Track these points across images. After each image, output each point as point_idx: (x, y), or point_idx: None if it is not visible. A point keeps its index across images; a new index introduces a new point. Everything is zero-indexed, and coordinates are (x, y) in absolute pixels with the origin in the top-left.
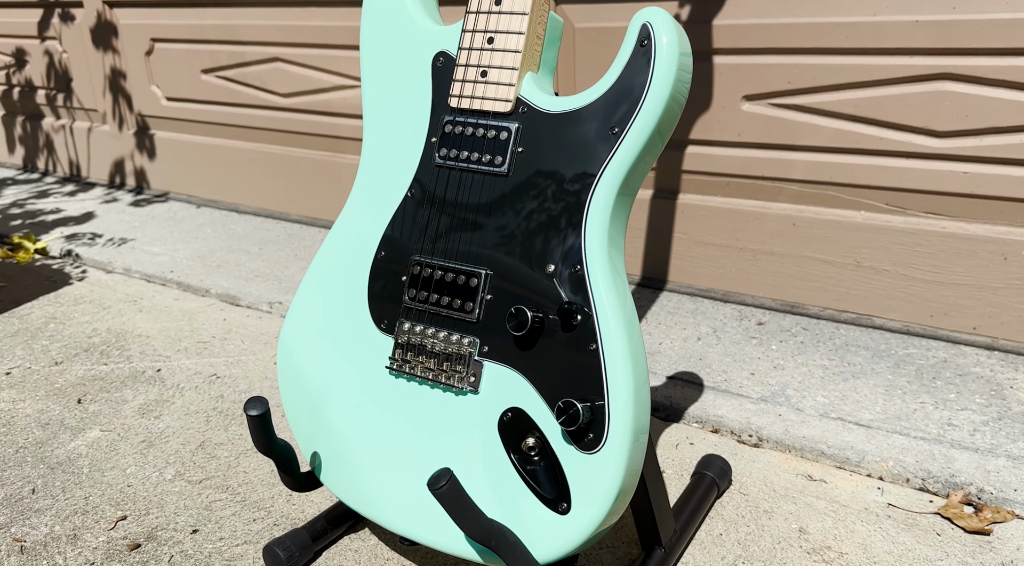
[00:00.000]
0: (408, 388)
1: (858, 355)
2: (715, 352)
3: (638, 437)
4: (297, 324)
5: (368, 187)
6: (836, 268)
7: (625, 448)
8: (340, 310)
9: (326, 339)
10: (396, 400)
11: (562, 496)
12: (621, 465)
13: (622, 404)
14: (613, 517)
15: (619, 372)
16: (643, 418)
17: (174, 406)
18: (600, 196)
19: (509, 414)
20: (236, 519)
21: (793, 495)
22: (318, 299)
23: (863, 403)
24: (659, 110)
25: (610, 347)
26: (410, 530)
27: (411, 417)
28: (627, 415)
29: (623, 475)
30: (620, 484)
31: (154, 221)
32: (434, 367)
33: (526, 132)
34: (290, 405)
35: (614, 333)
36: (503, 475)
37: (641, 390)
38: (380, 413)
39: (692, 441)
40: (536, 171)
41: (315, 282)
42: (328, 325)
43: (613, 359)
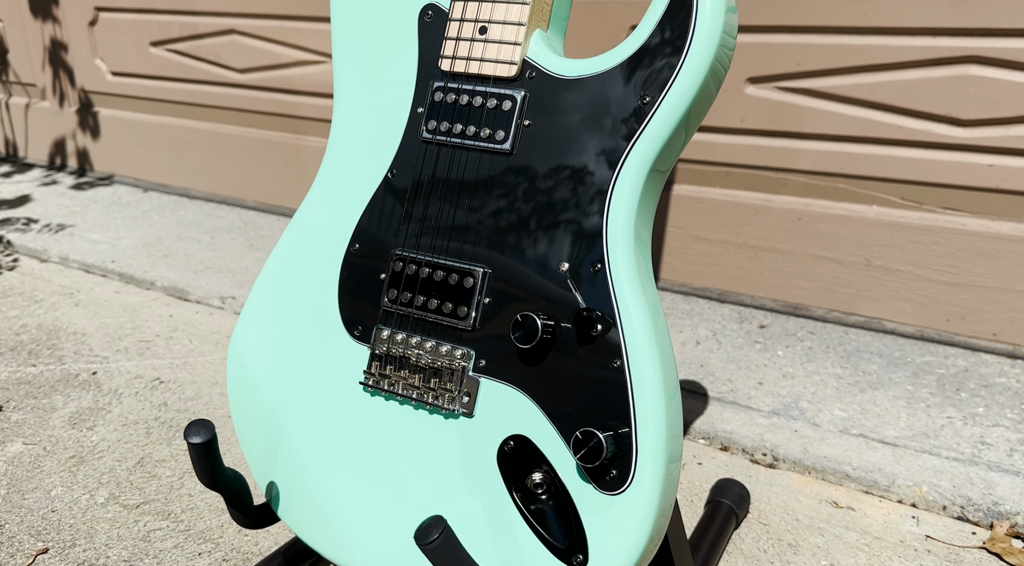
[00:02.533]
0: (387, 409)
1: (872, 363)
2: (717, 358)
3: (671, 472)
4: (251, 328)
5: (339, 167)
6: (844, 267)
7: (656, 487)
8: (304, 313)
9: (286, 347)
10: (372, 423)
11: (576, 546)
12: (651, 508)
13: (653, 433)
14: (648, 555)
15: (649, 394)
16: (676, 447)
17: (110, 415)
18: (626, 180)
19: (511, 443)
20: (178, 553)
21: (819, 526)
22: (277, 299)
23: (885, 417)
24: (701, 75)
25: (638, 364)
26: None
27: (390, 444)
28: (659, 446)
29: (653, 520)
30: (650, 531)
31: (96, 206)
32: (419, 384)
33: (534, 101)
34: (242, 424)
35: (643, 347)
36: (503, 518)
37: (674, 415)
38: (352, 438)
39: (700, 460)
40: (546, 149)
41: (274, 279)
42: (289, 330)
43: (642, 378)
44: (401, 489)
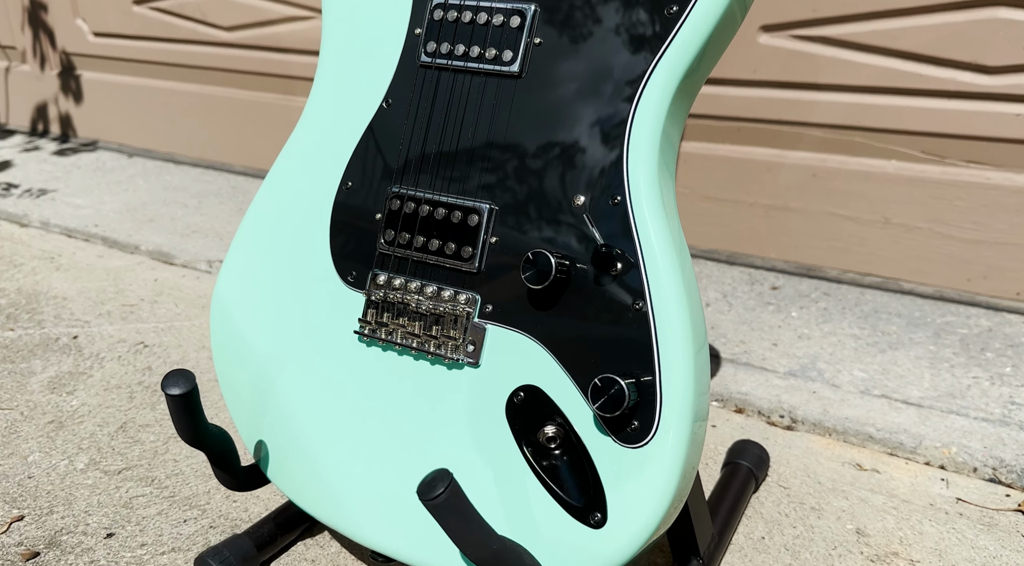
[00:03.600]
0: (384, 360)
1: (891, 323)
2: (728, 320)
3: (698, 424)
4: (236, 277)
5: (328, 101)
6: (861, 226)
7: (683, 439)
8: (293, 259)
9: (274, 296)
10: (368, 375)
11: (594, 504)
12: (677, 463)
13: (679, 380)
14: (664, 526)
15: (675, 337)
16: (703, 398)
17: (92, 380)
18: (650, 102)
19: (521, 394)
20: (162, 520)
21: (843, 488)
22: (263, 245)
23: (908, 378)
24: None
25: (663, 304)
26: (386, 543)
27: (388, 397)
28: (686, 395)
29: (679, 476)
30: (675, 487)
31: (79, 172)
32: (419, 332)
33: (545, 16)
34: (228, 381)
35: (668, 285)
36: (513, 476)
37: (702, 361)
38: (346, 392)
39: (714, 423)
40: (559, 69)
41: (259, 223)
42: (277, 278)
43: (667, 320)
44: (400, 447)
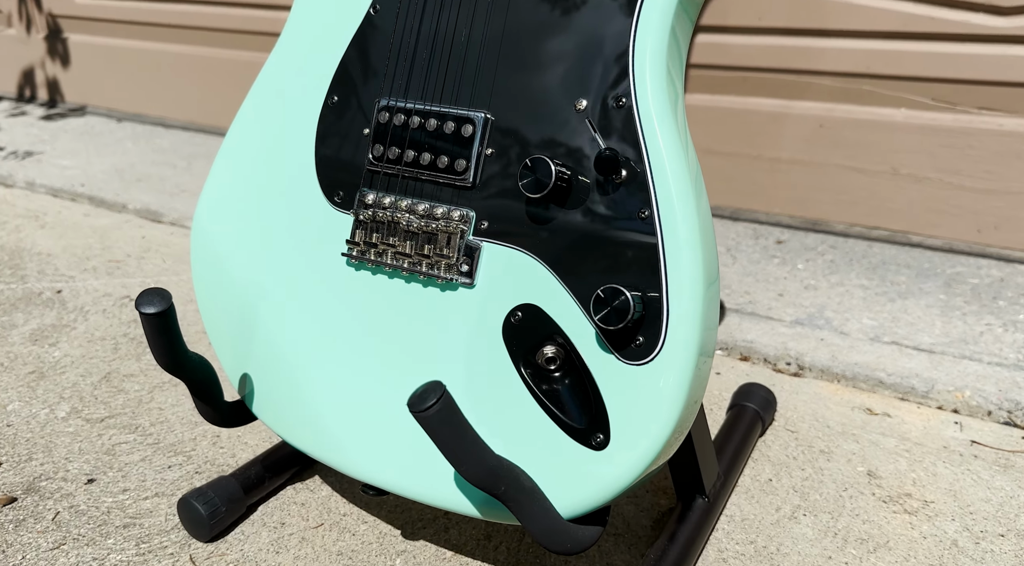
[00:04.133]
0: (374, 283)
1: (900, 274)
2: (732, 272)
3: (706, 340)
4: (217, 202)
5: (311, 10)
6: (869, 177)
7: (691, 355)
8: (276, 181)
9: (257, 221)
10: (357, 300)
11: (596, 425)
12: (684, 379)
13: (688, 292)
14: (666, 454)
15: (683, 247)
16: (713, 313)
17: (75, 332)
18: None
19: (519, 314)
20: (146, 466)
21: (853, 432)
22: (245, 167)
23: (918, 326)
24: None
25: (670, 212)
26: (377, 475)
27: (379, 323)
28: (695, 307)
29: (686, 393)
30: (682, 406)
31: (67, 135)
32: (411, 252)
33: None
34: (210, 314)
35: (676, 191)
36: (511, 399)
37: (712, 274)
38: (334, 319)
39: (718, 370)
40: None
41: (240, 144)
42: (260, 202)
43: (674, 229)
44: (392, 374)
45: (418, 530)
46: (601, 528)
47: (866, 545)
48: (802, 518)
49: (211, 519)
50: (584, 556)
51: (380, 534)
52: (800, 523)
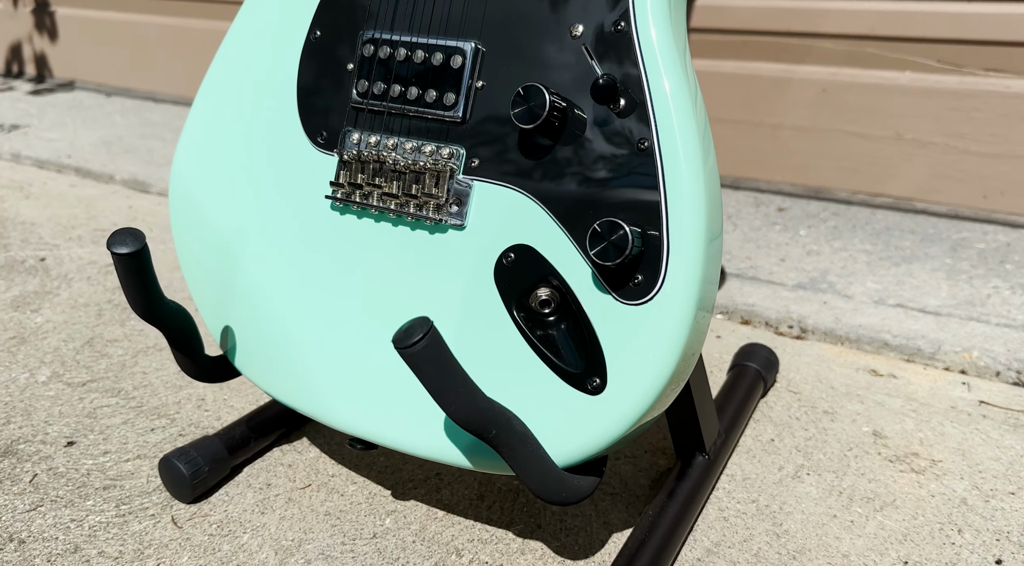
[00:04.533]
0: (360, 227)
1: (904, 240)
2: (732, 239)
3: (708, 280)
4: (196, 147)
5: None
6: (872, 143)
7: (692, 292)
8: (257, 122)
9: (237, 165)
10: (342, 244)
11: (592, 368)
12: (686, 318)
13: (689, 227)
14: (664, 401)
15: (685, 181)
16: (716, 251)
17: (58, 298)
18: None
19: (511, 256)
20: (128, 429)
21: (858, 393)
22: (224, 109)
23: (924, 289)
24: None
25: (671, 143)
26: (364, 426)
27: (365, 269)
28: (696, 244)
29: (686, 335)
30: (681, 347)
31: (54, 109)
32: (398, 193)
33: None
34: (190, 265)
35: (678, 120)
36: (503, 343)
37: (715, 210)
38: (318, 265)
39: (718, 334)
40: None
41: (219, 85)
42: (240, 145)
43: (675, 160)
44: (379, 322)
45: (409, 490)
46: (597, 479)
47: (872, 503)
48: (806, 477)
49: (193, 479)
50: (580, 515)
51: (369, 494)
52: (804, 482)
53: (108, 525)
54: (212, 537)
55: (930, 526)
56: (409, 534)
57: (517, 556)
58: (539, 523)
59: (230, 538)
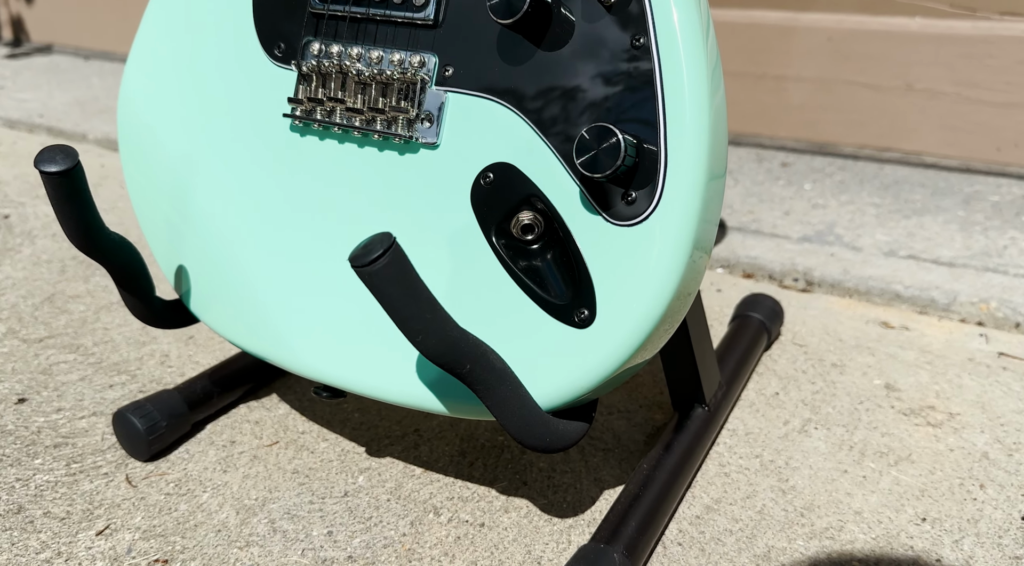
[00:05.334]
0: (322, 150)
1: (915, 193)
2: (734, 193)
3: (711, 197)
4: (144, 66)
5: None
6: (881, 94)
7: (692, 211)
8: (209, 36)
9: (189, 84)
10: (303, 170)
11: (580, 299)
12: (683, 240)
13: (691, 137)
14: (660, 337)
15: (685, 82)
16: (720, 165)
17: (20, 255)
18: None
19: (490, 176)
20: (85, 385)
21: (868, 346)
22: (176, 24)
23: (936, 240)
24: None
25: (670, 40)
26: (329, 371)
27: (328, 195)
28: (698, 155)
29: (685, 258)
30: (679, 273)
31: (30, 72)
32: (363, 108)
33: None
34: (141, 201)
35: (678, 14)
36: (482, 276)
37: (719, 119)
38: (278, 193)
39: (719, 287)
40: None
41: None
42: (192, 62)
43: (674, 60)
44: (345, 255)
45: (385, 447)
46: (586, 424)
47: (886, 458)
48: (813, 432)
49: (149, 435)
50: (569, 471)
51: (342, 451)
52: (811, 437)
53: (57, 484)
54: (169, 496)
55: (949, 481)
56: (383, 492)
57: (500, 514)
58: (525, 480)
59: (188, 497)
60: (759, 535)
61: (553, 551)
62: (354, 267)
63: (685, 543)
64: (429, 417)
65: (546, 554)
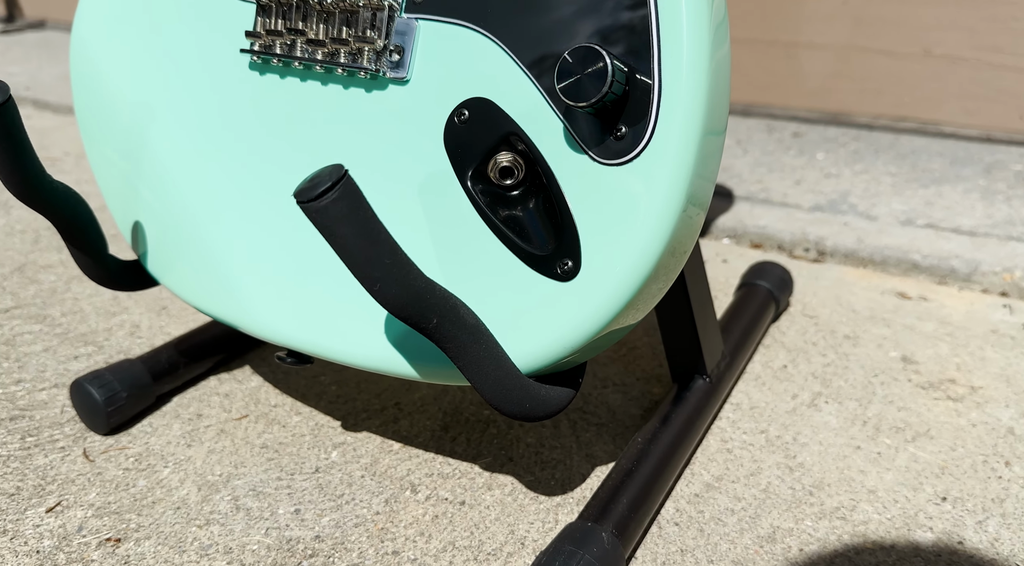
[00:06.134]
0: (283, 89)
1: (933, 162)
2: (743, 163)
3: (708, 150)
4: (99, 6)
5: None
6: (898, 61)
7: (688, 154)
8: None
9: (144, 22)
10: (262, 112)
11: (563, 248)
12: (679, 185)
13: (688, 69)
14: (651, 294)
15: (683, 6)
16: (718, 119)
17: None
18: None
19: (465, 113)
20: (48, 356)
21: (884, 317)
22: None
23: (956, 209)
24: None
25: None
26: (293, 334)
27: (290, 139)
28: (695, 91)
29: (679, 205)
30: (672, 220)
31: (20, 47)
32: (325, 39)
33: None
34: (96, 156)
35: None
36: (453, 223)
37: (721, 65)
38: (236, 139)
39: (725, 258)
40: None
41: None
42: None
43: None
44: None
45: (362, 421)
46: (572, 391)
47: (903, 434)
48: (824, 406)
49: (108, 406)
50: (559, 446)
51: (315, 426)
52: (821, 411)
53: (8, 459)
54: (127, 472)
55: (972, 458)
56: (358, 468)
57: (483, 491)
58: (511, 456)
59: (148, 473)
60: (763, 515)
61: (538, 531)
62: (299, 203)
63: (682, 523)
64: (411, 389)
65: (530, 534)
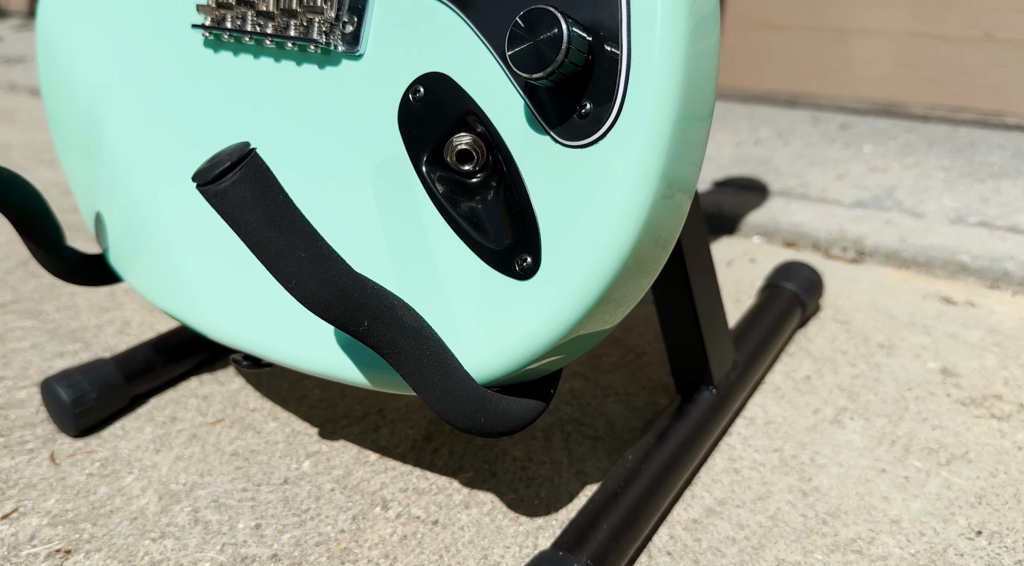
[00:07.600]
0: (236, 68)
1: (992, 155)
2: (783, 156)
3: (688, 118)
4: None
5: None
6: (956, 46)
7: (661, 131)
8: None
9: (103, 4)
10: (216, 94)
11: (522, 242)
12: (652, 164)
13: (661, 33)
14: (626, 291)
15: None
16: (699, 102)
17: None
18: None
19: (420, 90)
20: (35, 353)
21: (925, 323)
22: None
23: (1015, 206)
24: None
25: None
26: (245, 335)
27: (243, 122)
28: (671, 59)
29: (653, 188)
30: (647, 207)
31: None
32: (274, 11)
33: None
34: (63, 145)
35: None
36: (404, 212)
37: (701, 19)
38: (192, 123)
39: (753, 257)
40: None
41: None
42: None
43: None
44: None
45: (341, 428)
46: (540, 404)
47: (936, 456)
48: (848, 422)
49: (76, 407)
50: (548, 461)
51: (291, 433)
52: (845, 428)
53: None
54: (91, 477)
55: (1015, 486)
56: (329, 480)
57: (459, 510)
58: (494, 471)
59: (111, 479)
60: (768, 545)
61: (514, 557)
62: (198, 187)
63: (675, 552)
64: (397, 396)
65: (505, 559)
